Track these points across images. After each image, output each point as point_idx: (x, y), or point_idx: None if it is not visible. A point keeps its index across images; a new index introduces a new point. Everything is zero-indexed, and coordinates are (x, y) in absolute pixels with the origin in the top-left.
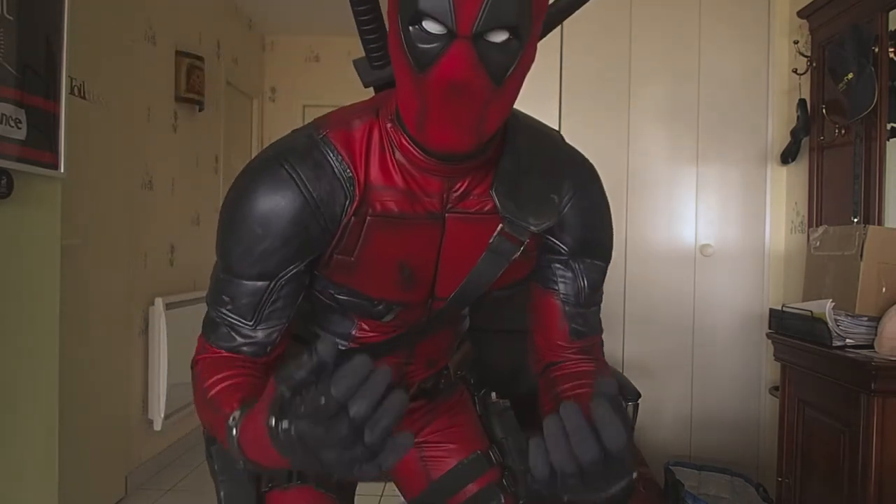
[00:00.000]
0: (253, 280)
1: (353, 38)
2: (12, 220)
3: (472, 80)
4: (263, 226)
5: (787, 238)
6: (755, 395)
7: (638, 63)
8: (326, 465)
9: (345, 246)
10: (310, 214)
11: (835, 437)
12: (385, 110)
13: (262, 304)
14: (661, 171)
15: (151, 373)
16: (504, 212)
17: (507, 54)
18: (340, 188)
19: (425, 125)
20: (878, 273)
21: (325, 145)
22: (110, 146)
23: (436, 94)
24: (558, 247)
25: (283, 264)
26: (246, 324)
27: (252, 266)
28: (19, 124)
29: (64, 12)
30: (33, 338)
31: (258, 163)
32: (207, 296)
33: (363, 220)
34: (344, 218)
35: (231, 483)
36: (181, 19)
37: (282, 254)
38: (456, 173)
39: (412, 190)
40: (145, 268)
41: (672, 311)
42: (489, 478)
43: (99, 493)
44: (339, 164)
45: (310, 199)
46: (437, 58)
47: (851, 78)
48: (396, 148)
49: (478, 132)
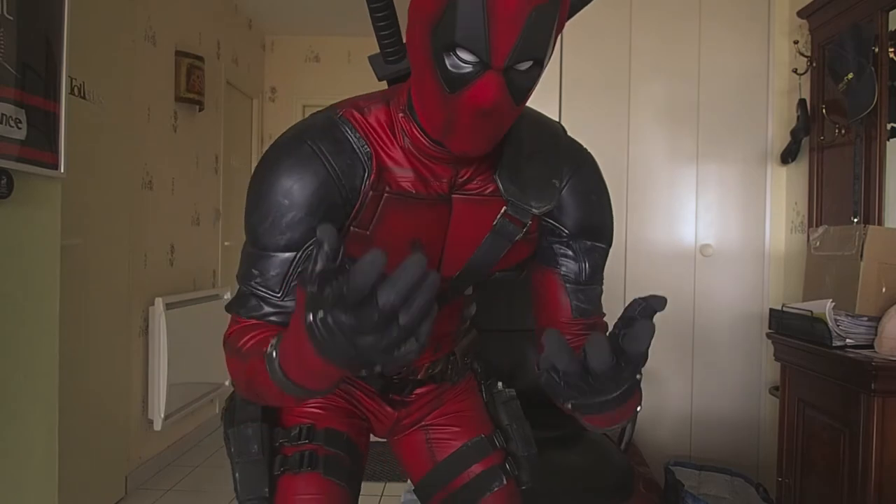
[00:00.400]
0: (280, 251)
1: (352, 38)
2: (12, 220)
3: (499, 105)
4: (289, 197)
5: (787, 238)
6: (755, 395)
7: (638, 63)
8: (365, 351)
9: (361, 219)
10: (332, 185)
11: (835, 437)
12: (396, 101)
13: (290, 275)
14: (661, 171)
15: (151, 373)
16: (507, 195)
17: (529, 79)
18: (359, 162)
19: (450, 136)
20: (878, 273)
21: (343, 123)
22: (110, 146)
23: (465, 114)
24: (559, 229)
25: (309, 234)
26: (274, 295)
27: (279, 237)
28: (19, 124)
29: (64, 12)
30: (33, 338)
31: (281, 142)
32: (238, 273)
33: (380, 195)
34: (363, 189)
35: (246, 466)
36: (181, 19)
37: (307, 223)
38: (462, 161)
39: (421, 173)
40: (145, 268)
41: (672, 312)
42: (492, 460)
43: (99, 493)
44: (357, 140)
45: (332, 171)
46: (468, 84)
47: (851, 78)
48: (407, 136)
49: (493, 140)
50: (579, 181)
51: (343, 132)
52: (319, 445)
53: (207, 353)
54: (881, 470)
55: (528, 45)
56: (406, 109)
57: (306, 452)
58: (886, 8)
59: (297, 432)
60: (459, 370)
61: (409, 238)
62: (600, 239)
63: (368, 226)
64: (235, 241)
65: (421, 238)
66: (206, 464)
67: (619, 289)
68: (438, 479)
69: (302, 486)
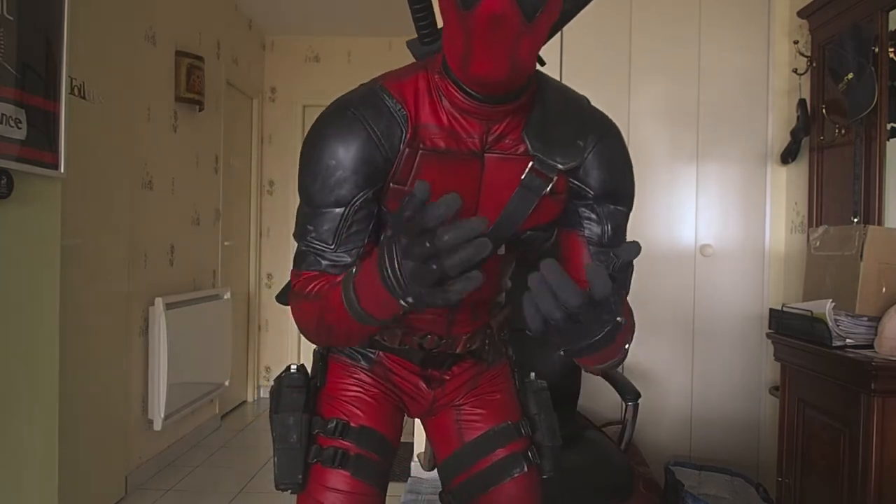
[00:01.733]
0: (330, 207)
1: (352, 38)
2: (12, 220)
3: (507, 13)
4: (335, 158)
5: (787, 238)
6: (755, 395)
7: (638, 63)
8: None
9: (400, 176)
10: (374, 146)
11: (835, 437)
12: (432, 65)
13: (340, 228)
14: (661, 171)
15: (151, 373)
16: (534, 150)
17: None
18: (396, 124)
19: (469, 58)
20: (878, 273)
21: (381, 91)
22: (110, 146)
23: (479, 27)
24: (584, 191)
25: (355, 191)
26: (328, 247)
27: (329, 194)
28: (19, 124)
29: (64, 12)
30: (33, 338)
31: (327, 113)
32: (294, 233)
33: (416, 152)
34: (401, 147)
35: (285, 452)
36: (181, 19)
37: (353, 181)
38: (494, 116)
39: (455, 130)
40: (145, 268)
41: (672, 311)
42: (516, 447)
43: (99, 493)
44: (394, 105)
45: (373, 134)
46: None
47: (851, 78)
48: (443, 94)
49: (512, 62)
50: (605, 147)
51: (381, 99)
52: (352, 444)
53: (207, 353)
54: (881, 470)
55: None
56: (441, 70)
57: (339, 451)
58: (886, 8)
59: (334, 426)
60: (496, 348)
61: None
62: (622, 202)
63: (407, 181)
64: (235, 240)
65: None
66: (206, 464)
67: None
68: (463, 459)
69: (332, 479)
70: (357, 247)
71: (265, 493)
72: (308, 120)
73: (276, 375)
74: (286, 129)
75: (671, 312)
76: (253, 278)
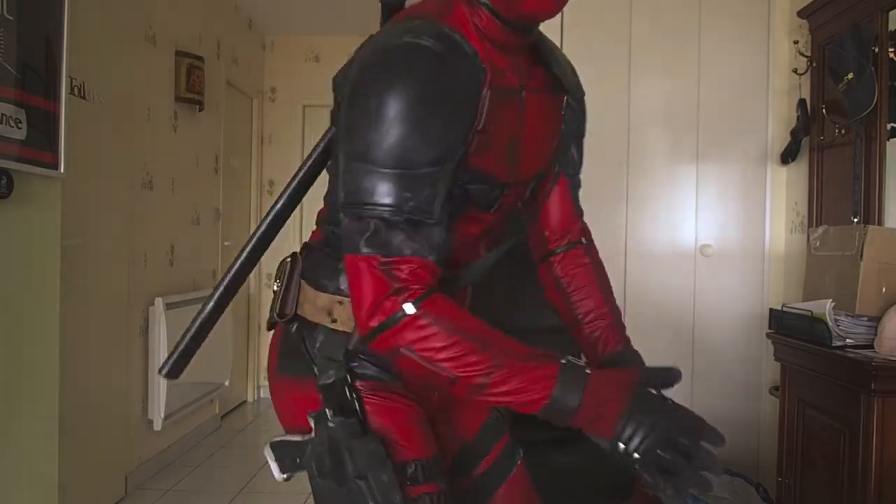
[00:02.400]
0: (429, 166)
1: (353, 38)
2: (12, 220)
3: None
4: (436, 104)
5: (787, 238)
6: (755, 395)
7: (638, 63)
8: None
9: (484, 123)
10: (466, 88)
11: (835, 437)
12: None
13: (438, 193)
14: (661, 170)
15: (151, 373)
16: (567, 84)
17: None
18: (474, 64)
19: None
20: (878, 273)
21: (444, 27)
22: (110, 146)
23: None
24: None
25: (457, 143)
26: (429, 218)
27: (431, 149)
28: (19, 124)
29: (64, 12)
30: (33, 338)
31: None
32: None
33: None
34: (483, 90)
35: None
36: (181, 19)
37: (455, 130)
38: (521, 49)
39: (497, 65)
40: (145, 268)
41: (672, 312)
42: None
43: (99, 493)
44: (468, 45)
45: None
46: None
47: (851, 78)
48: (482, 28)
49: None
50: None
51: (451, 35)
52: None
53: (207, 353)
54: (881, 470)
55: None
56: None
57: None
58: (886, 8)
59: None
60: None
61: (508, 136)
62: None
63: (488, 128)
64: (235, 241)
65: (512, 135)
66: (206, 464)
67: (619, 288)
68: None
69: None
70: (445, 219)
71: (265, 493)
72: (308, 120)
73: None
74: (286, 129)
75: (671, 312)
76: (253, 278)
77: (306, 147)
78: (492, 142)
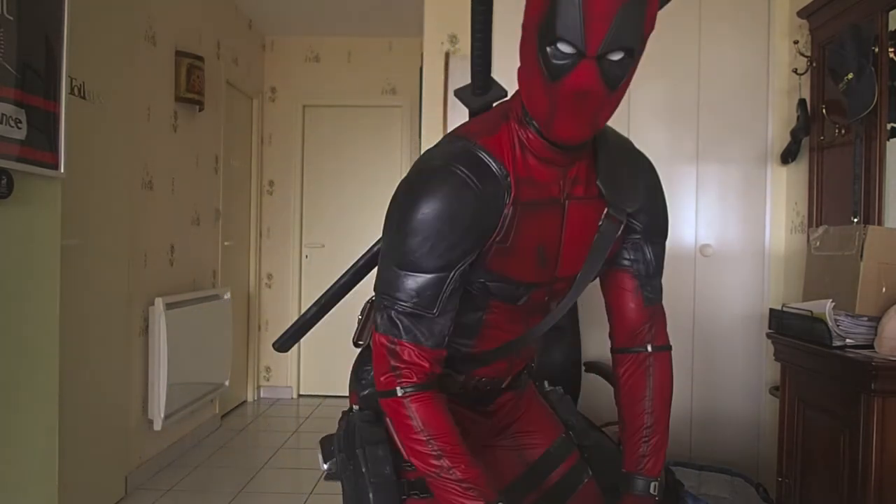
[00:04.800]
0: (436, 272)
1: (352, 38)
2: (12, 220)
3: (593, 89)
4: (448, 223)
5: (787, 238)
6: (755, 395)
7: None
8: None
9: (504, 235)
10: (484, 210)
11: (835, 437)
12: (513, 114)
13: (444, 292)
14: (661, 170)
15: (151, 373)
16: (609, 196)
17: (621, 69)
18: (500, 186)
19: (553, 122)
20: (878, 273)
21: (480, 150)
22: (110, 146)
23: (565, 99)
24: (634, 225)
25: (462, 256)
26: (430, 313)
27: (437, 259)
28: (19, 124)
29: (64, 12)
30: (33, 338)
31: (433, 169)
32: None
33: (516, 210)
34: (505, 210)
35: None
36: (181, 19)
37: (463, 246)
38: (569, 162)
39: (536, 179)
40: (145, 268)
41: (672, 312)
42: (574, 457)
43: (99, 493)
44: (497, 165)
45: (482, 197)
46: (567, 71)
47: (851, 78)
48: (525, 144)
49: (593, 126)
50: (650, 186)
51: (482, 159)
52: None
53: (207, 353)
54: (881, 470)
55: (618, 36)
56: (522, 118)
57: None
58: (886, 8)
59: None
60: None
61: (536, 245)
62: (663, 234)
63: (508, 238)
64: (235, 241)
65: (544, 242)
66: (206, 464)
67: None
68: (532, 480)
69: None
70: (453, 309)
71: (265, 493)
72: (308, 120)
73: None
74: (286, 129)
75: (671, 312)
76: (253, 278)
77: (306, 147)
78: (514, 250)
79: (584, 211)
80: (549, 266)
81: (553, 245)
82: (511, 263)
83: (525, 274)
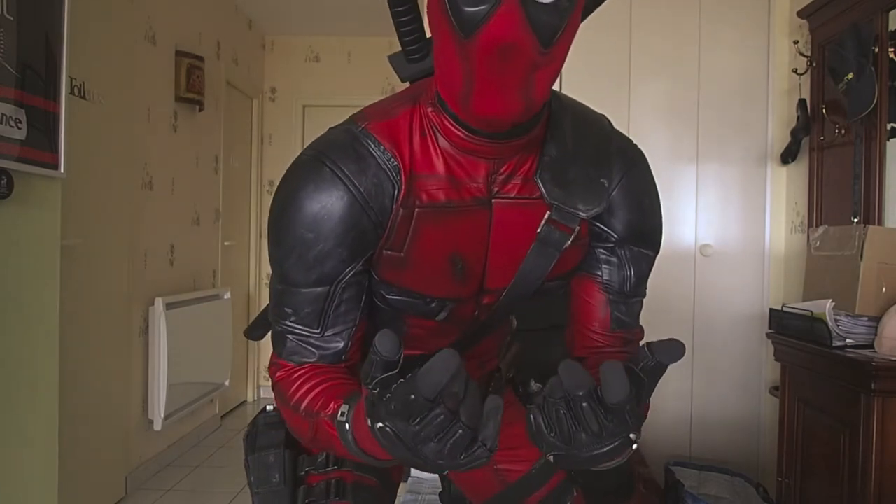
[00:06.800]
0: (311, 287)
1: (352, 38)
2: (12, 220)
3: (520, 41)
4: (313, 229)
5: (787, 238)
6: (755, 395)
7: (638, 63)
8: (430, 458)
9: (394, 241)
10: (359, 210)
11: (835, 437)
12: (425, 96)
13: (326, 310)
14: (661, 170)
15: (151, 373)
16: (550, 198)
17: (556, 15)
18: (387, 178)
19: (471, 96)
20: (878, 273)
21: (365, 137)
22: (110, 146)
23: (483, 59)
24: (606, 233)
25: (340, 266)
26: (313, 332)
27: (308, 273)
28: (19, 124)
29: (64, 12)
30: (33, 338)
31: (299, 163)
32: (269, 312)
33: (411, 212)
34: (393, 209)
35: (266, 496)
36: (181, 19)
37: (336, 256)
38: (501, 153)
39: (456, 176)
40: (145, 268)
41: (672, 311)
42: (556, 480)
43: (99, 493)
44: (383, 153)
45: (357, 195)
46: (483, 20)
47: (851, 78)
48: (439, 131)
49: (525, 99)
50: (632, 182)
51: (365, 146)
52: (348, 471)
53: (207, 353)
54: (881, 470)
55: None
56: (435, 102)
57: (333, 481)
58: (886, 8)
59: (324, 458)
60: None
61: (448, 253)
62: (649, 245)
63: (402, 246)
64: (235, 241)
65: (460, 251)
66: (206, 464)
67: None
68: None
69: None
70: (348, 328)
71: None
72: (308, 120)
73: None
74: (286, 129)
75: (671, 312)
76: (253, 278)
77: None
78: (413, 260)
79: (521, 214)
80: (472, 278)
81: (476, 254)
82: (411, 275)
83: (435, 288)
